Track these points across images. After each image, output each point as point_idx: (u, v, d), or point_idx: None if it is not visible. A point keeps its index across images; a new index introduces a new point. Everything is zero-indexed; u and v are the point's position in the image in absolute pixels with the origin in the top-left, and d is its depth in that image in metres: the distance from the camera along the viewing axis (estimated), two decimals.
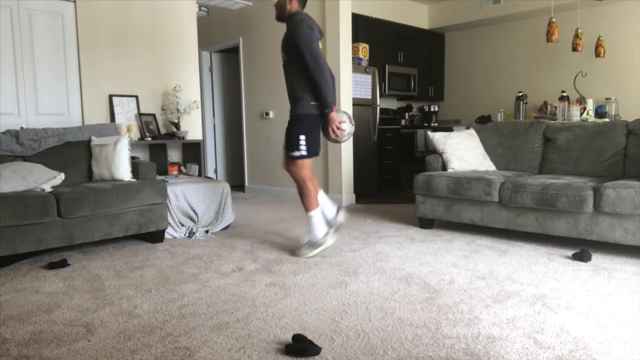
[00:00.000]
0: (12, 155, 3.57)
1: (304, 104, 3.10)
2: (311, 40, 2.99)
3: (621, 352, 1.81)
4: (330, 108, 3.06)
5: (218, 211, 4.12)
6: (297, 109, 3.13)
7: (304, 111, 3.11)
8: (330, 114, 3.07)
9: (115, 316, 2.23)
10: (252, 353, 1.85)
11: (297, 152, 3.12)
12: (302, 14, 3.11)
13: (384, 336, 1.98)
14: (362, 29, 6.19)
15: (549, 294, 2.43)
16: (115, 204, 3.38)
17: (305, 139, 3.11)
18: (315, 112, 3.11)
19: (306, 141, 3.11)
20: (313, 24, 3.07)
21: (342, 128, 3.11)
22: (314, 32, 3.04)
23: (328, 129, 3.12)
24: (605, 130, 3.81)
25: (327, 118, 3.09)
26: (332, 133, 3.12)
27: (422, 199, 3.98)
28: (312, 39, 3.00)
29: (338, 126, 3.10)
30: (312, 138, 3.14)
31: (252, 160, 6.59)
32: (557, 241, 3.52)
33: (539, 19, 6.45)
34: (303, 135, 3.11)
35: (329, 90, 3.03)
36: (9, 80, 3.93)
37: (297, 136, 3.11)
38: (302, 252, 3.21)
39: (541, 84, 6.56)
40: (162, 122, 4.80)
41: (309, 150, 3.13)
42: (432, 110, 7.41)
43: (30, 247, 3.04)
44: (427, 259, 3.12)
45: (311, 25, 3.04)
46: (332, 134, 3.13)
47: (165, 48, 4.82)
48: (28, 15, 4.00)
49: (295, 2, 3.14)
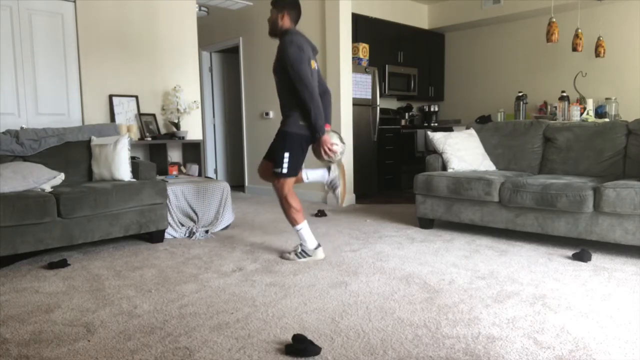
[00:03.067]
0: (12, 155, 3.57)
1: (292, 122, 3.04)
2: (300, 62, 2.90)
3: (621, 352, 1.81)
4: (320, 132, 2.99)
5: (218, 211, 4.12)
6: (286, 125, 3.07)
7: (291, 129, 3.04)
8: (322, 137, 3.01)
9: (115, 316, 2.23)
10: (252, 353, 1.85)
11: (279, 169, 3.06)
12: (293, 34, 3.02)
13: (384, 336, 1.98)
14: (362, 29, 6.19)
15: (549, 294, 2.43)
16: (115, 204, 3.38)
17: (289, 157, 3.05)
18: (302, 132, 3.04)
19: (289, 160, 3.05)
20: (303, 44, 2.98)
21: (333, 150, 3.06)
22: (304, 53, 2.94)
23: (320, 151, 3.06)
24: (605, 130, 3.81)
25: (319, 141, 3.03)
26: (324, 155, 3.06)
27: (422, 199, 3.98)
28: (300, 61, 2.90)
29: (330, 148, 3.04)
30: (296, 158, 3.07)
31: (252, 160, 6.59)
32: (557, 241, 3.52)
33: (539, 19, 6.45)
34: (287, 154, 3.04)
35: (320, 113, 2.95)
36: (9, 80, 3.93)
37: (282, 153, 3.06)
38: (290, 255, 3.18)
39: (541, 84, 6.56)
40: (162, 122, 4.80)
41: (289, 169, 3.06)
42: (432, 110, 7.41)
43: (30, 247, 3.04)
44: (427, 259, 3.12)
45: (301, 46, 2.95)
46: (324, 155, 3.07)
47: (165, 48, 4.82)
48: (28, 15, 4.00)
49: (287, 19, 3.05)
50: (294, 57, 2.91)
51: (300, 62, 2.91)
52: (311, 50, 3.06)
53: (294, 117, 3.04)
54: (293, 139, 3.06)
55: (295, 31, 3.07)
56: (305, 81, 2.90)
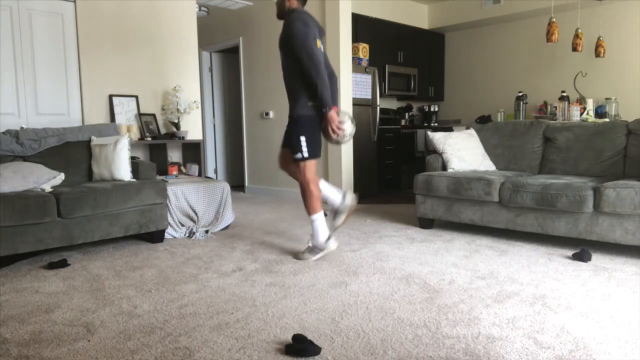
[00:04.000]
0: (12, 155, 3.57)
1: (301, 105, 3.04)
2: (305, 36, 2.91)
3: (621, 352, 1.81)
4: (327, 107, 2.96)
5: (218, 211, 4.12)
6: (295, 109, 3.06)
7: (301, 112, 3.04)
8: (329, 112, 2.97)
9: (115, 316, 2.23)
10: (252, 353, 1.85)
11: (300, 154, 3.04)
12: (299, 11, 3.05)
13: (384, 336, 1.97)
14: (362, 29, 6.19)
15: (549, 294, 2.43)
16: (115, 204, 3.38)
17: (305, 139, 3.03)
18: (312, 113, 3.03)
19: (307, 142, 3.03)
20: (309, 20, 2.99)
21: (342, 128, 3.02)
22: (309, 28, 2.94)
23: (328, 130, 3.02)
24: (605, 130, 3.81)
25: (326, 117, 2.98)
26: (332, 133, 3.01)
27: (422, 199, 3.98)
28: (306, 36, 2.91)
29: (338, 126, 3.00)
30: (313, 139, 3.06)
31: (252, 160, 6.59)
32: (557, 241, 3.52)
33: (539, 19, 6.45)
34: (303, 137, 3.03)
35: (326, 87, 2.93)
36: (9, 80, 3.93)
37: (297, 137, 3.04)
38: (304, 255, 3.18)
39: (541, 84, 6.56)
40: (162, 122, 4.80)
41: (310, 151, 3.04)
42: (432, 110, 7.41)
43: (30, 247, 3.04)
44: (427, 259, 3.12)
45: (306, 22, 2.96)
46: (332, 134, 3.02)
47: (165, 48, 4.82)
48: (28, 15, 4.00)
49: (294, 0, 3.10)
50: (299, 30, 2.93)
51: (306, 36, 2.92)
52: (317, 29, 3.05)
53: (302, 100, 3.03)
54: (305, 121, 3.05)
55: (302, 10, 3.09)
56: (311, 54, 2.91)
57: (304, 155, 3.05)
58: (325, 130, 3.08)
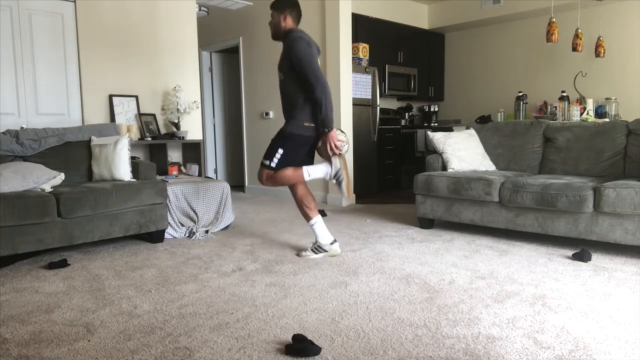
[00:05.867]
0: (12, 155, 3.57)
1: (296, 124, 3.04)
2: (311, 56, 2.93)
3: (621, 352, 1.81)
4: (331, 127, 3.01)
5: (218, 211, 4.12)
6: (289, 126, 3.07)
7: (293, 130, 3.05)
8: (331, 132, 3.01)
9: (115, 316, 2.23)
10: (252, 353, 1.85)
11: (268, 161, 3.07)
12: (298, 31, 3.04)
13: (384, 336, 1.98)
14: (362, 29, 6.19)
15: (549, 294, 2.43)
16: (115, 204, 3.38)
17: (282, 153, 3.05)
18: (305, 134, 3.05)
19: (282, 156, 3.05)
20: (310, 41, 3.01)
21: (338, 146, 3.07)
22: (312, 49, 2.98)
23: (327, 147, 3.05)
24: (605, 130, 3.81)
25: (328, 136, 3.02)
26: (334, 149, 3.06)
27: (422, 199, 3.98)
28: (311, 56, 2.94)
29: (336, 144, 3.05)
30: (289, 157, 3.07)
31: (252, 160, 6.59)
32: (557, 241, 3.52)
33: (539, 19, 6.45)
34: (282, 150, 3.05)
35: (331, 108, 2.99)
36: (9, 80, 3.93)
37: (276, 147, 3.06)
38: (307, 253, 3.22)
39: (541, 84, 6.56)
40: (162, 122, 4.80)
41: (278, 165, 3.06)
42: (432, 110, 7.41)
43: (30, 247, 3.04)
44: (427, 259, 3.12)
45: (308, 42, 2.98)
46: (334, 150, 3.06)
47: (165, 48, 4.82)
48: (28, 15, 4.00)
49: (289, 19, 3.06)
50: (304, 52, 2.93)
51: (311, 56, 2.94)
52: (315, 49, 3.07)
53: (298, 120, 3.04)
54: (294, 139, 3.07)
55: (299, 30, 3.09)
56: (318, 75, 2.93)
57: (270, 165, 3.07)
58: (323, 148, 3.10)
